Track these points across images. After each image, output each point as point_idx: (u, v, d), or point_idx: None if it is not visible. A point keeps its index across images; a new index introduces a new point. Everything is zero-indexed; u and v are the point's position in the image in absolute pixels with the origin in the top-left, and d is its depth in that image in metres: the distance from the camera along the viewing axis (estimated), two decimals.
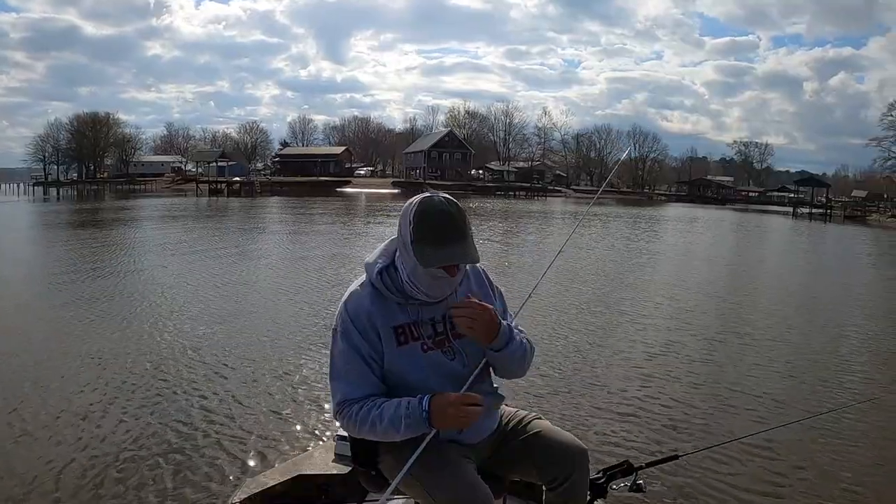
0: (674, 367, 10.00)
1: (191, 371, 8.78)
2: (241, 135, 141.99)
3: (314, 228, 33.09)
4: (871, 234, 56.56)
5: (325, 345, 3.90)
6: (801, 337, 12.62)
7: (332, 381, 2.70)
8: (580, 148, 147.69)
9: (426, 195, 2.66)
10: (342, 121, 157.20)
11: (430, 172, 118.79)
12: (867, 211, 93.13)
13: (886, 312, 16.24)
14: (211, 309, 12.59)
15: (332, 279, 16.48)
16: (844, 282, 22.83)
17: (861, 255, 34.64)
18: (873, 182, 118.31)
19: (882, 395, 8.66)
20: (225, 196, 78.45)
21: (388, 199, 79.20)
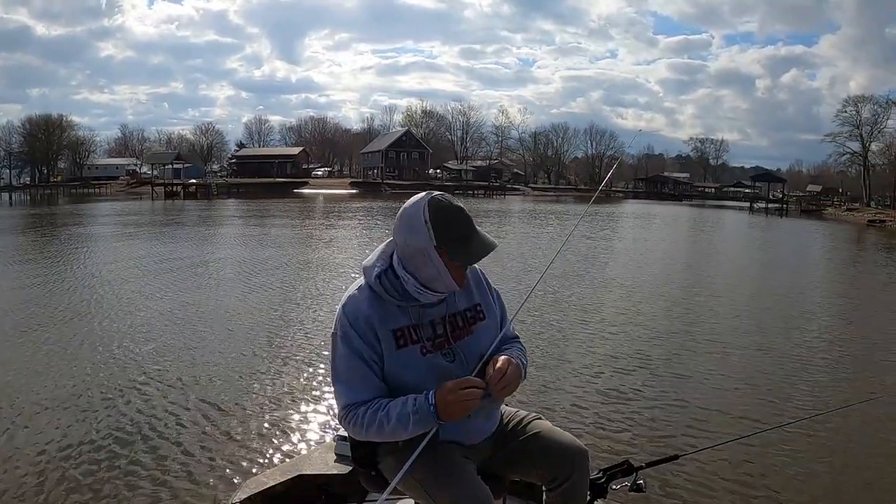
0: (671, 367, 10.07)
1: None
2: (196, 136, 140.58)
3: (273, 238, 32.32)
4: (830, 228, 57.45)
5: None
6: (801, 336, 12.72)
7: (335, 384, 2.69)
8: (537, 146, 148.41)
9: (430, 196, 2.70)
10: (298, 121, 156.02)
11: (387, 172, 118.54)
12: (822, 205, 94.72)
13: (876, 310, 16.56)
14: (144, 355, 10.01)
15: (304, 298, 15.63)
16: (828, 279, 23.40)
17: (834, 250, 35.68)
18: (827, 177, 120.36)
19: (881, 393, 8.71)
20: (181, 199, 77.73)
21: (346, 199, 78.98)
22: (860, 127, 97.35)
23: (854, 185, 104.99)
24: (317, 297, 14.64)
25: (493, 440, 2.88)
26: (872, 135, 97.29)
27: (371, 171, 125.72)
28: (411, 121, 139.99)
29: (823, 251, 35.74)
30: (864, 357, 11.22)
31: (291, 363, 9.62)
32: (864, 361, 10.90)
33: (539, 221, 46.06)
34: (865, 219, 72.38)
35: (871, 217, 72.96)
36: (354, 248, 21.91)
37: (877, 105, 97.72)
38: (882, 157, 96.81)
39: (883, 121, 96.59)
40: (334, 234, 28.70)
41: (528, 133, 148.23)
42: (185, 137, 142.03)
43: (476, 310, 2.86)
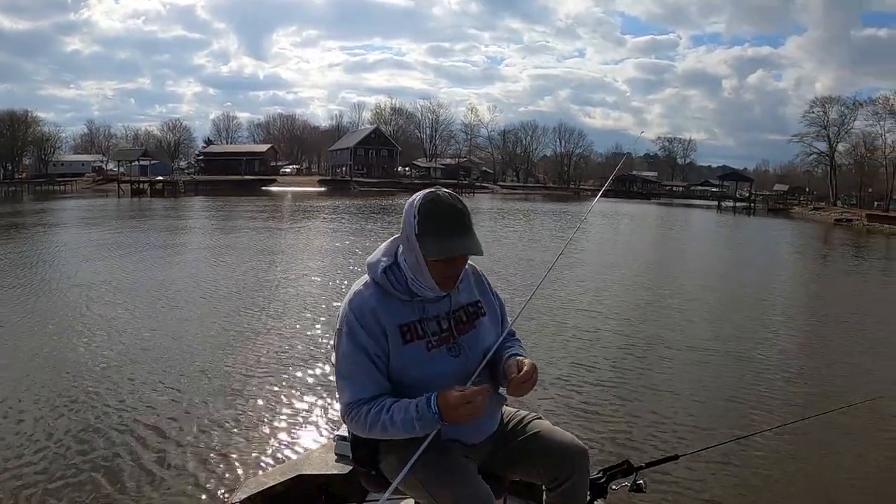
0: (670, 366, 10.25)
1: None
2: (163, 133, 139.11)
3: (241, 242, 30.82)
4: (799, 227, 58.44)
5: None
6: (802, 336, 12.97)
7: (339, 380, 2.69)
8: (507, 144, 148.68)
9: (430, 191, 2.69)
10: (267, 118, 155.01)
11: (356, 170, 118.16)
12: (789, 204, 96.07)
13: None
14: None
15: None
16: (814, 279, 24.01)
17: (806, 248, 36.76)
18: (794, 176, 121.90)
19: (887, 394, 8.78)
20: (148, 196, 76.89)
21: (314, 197, 78.38)
22: (827, 127, 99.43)
23: (820, 185, 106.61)
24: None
25: (494, 440, 2.89)
26: (839, 135, 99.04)
27: (340, 168, 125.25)
28: (380, 118, 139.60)
29: (797, 250, 36.56)
30: (863, 357, 11.37)
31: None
32: (863, 361, 11.02)
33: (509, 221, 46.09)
34: (832, 218, 73.34)
35: (837, 216, 73.97)
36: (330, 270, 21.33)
37: (844, 106, 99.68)
38: (848, 157, 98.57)
39: (850, 122, 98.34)
40: (305, 244, 28.15)
41: (498, 131, 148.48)
42: (153, 134, 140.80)
43: (477, 306, 2.88)
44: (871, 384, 9.56)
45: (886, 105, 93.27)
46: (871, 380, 9.92)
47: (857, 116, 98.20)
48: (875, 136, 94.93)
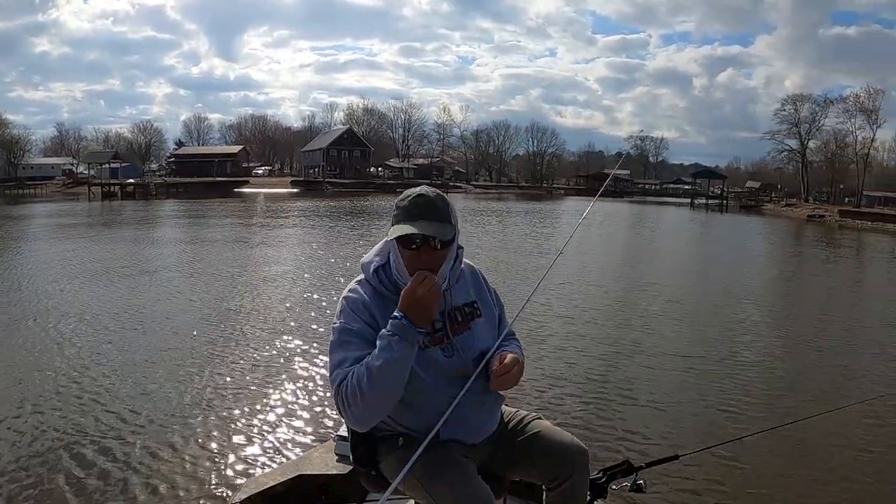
0: (670, 366, 10.30)
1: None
2: (134, 135, 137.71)
3: (210, 258, 29.17)
4: (773, 224, 59.24)
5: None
6: (798, 337, 13.03)
7: (331, 353, 2.66)
8: (479, 144, 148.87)
9: (420, 186, 2.75)
10: (238, 119, 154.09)
11: (329, 171, 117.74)
12: (761, 200, 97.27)
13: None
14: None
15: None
16: (801, 277, 24.24)
17: (783, 245, 37.26)
18: (765, 173, 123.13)
19: (888, 393, 8.80)
20: (119, 199, 76.32)
21: (287, 198, 78.02)
22: (799, 125, 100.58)
23: (792, 181, 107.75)
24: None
25: (494, 440, 2.88)
26: (810, 132, 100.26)
27: (312, 169, 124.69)
28: (352, 119, 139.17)
29: (775, 248, 36.98)
30: (861, 357, 11.48)
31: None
32: (861, 361, 11.12)
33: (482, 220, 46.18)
34: (805, 214, 74.37)
35: (810, 212, 74.96)
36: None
37: (815, 104, 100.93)
38: (819, 154, 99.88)
39: (821, 119, 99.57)
40: (276, 258, 27.68)
41: (470, 131, 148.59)
42: (123, 136, 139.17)
43: (473, 306, 2.87)
44: (869, 384, 9.64)
45: (857, 102, 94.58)
46: (868, 380, 9.99)
47: (828, 114, 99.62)
48: (846, 133, 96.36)
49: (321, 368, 9.41)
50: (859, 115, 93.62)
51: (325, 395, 8.37)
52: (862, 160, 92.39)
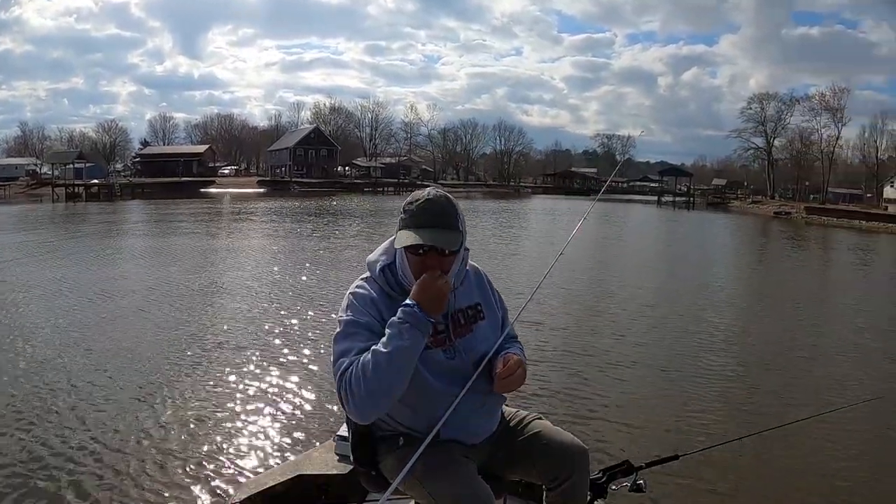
0: (670, 366, 10.36)
1: None
2: (99, 134, 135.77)
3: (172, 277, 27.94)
4: (741, 220, 60.27)
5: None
6: (800, 335, 13.25)
7: (335, 343, 2.65)
8: (447, 143, 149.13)
9: (427, 188, 2.74)
10: (204, 118, 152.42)
11: (296, 170, 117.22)
12: (727, 198, 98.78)
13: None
14: None
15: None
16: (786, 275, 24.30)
17: (753, 242, 38.16)
18: (731, 171, 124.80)
19: (883, 393, 8.83)
20: (83, 201, 75.42)
21: (254, 198, 77.38)
22: (765, 123, 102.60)
23: (757, 179, 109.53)
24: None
25: (494, 440, 2.89)
26: (776, 131, 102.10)
27: (279, 169, 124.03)
28: (319, 118, 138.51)
29: (747, 245, 37.87)
30: (861, 355, 11.59)
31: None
32: (862, 360, 11.23)
33: None
34: (772, 211, 75.78)
35: (776, 209, 76.31)
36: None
37: (781, 102, 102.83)
38: (785, 152, 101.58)
39: (787, 117, 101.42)
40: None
41: (438, 130, 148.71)
42: (88, 135, 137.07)
43: (476, 309, 2.88)
44: (869, 384, 9.72)
45: (822, 101, 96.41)
46: (868, 380, 10.06)
47: (793, 112, 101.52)
48: (811, 131, 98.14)
49: (321, 368, 9.46)
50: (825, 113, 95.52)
51: (325, 395, 8.43)
52: (827, 158, 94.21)
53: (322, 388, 8.69)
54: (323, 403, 8.23)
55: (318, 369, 9.52)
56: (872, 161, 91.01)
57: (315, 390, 8.72)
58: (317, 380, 9.10)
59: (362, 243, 27.60)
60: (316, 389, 8.74)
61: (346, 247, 27.40)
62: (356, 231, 36.40)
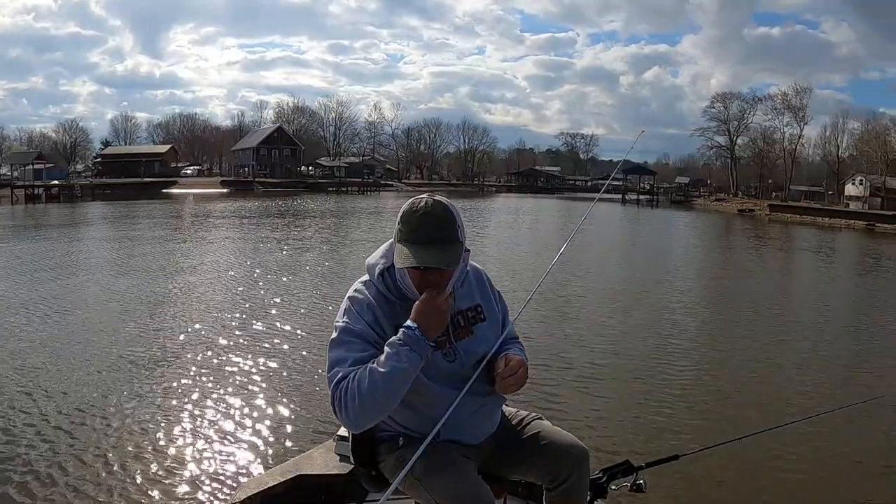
0: (670, 366, 10.47)
1: None
2: (59, 134, 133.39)
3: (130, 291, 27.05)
4: (706, 218, 61.14)
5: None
6: (800, 334, 13.47)
7: (330, 351, 2.64)
8: (411, 142, 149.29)
9: (418, 197, 2.66)
10: (166, 118, 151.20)
11: (259, 170, 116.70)
12: (690, 195, 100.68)
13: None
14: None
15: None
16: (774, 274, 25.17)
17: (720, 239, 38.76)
18: (694, 169, 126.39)
19: (887, 394, 8.88)
20: (43, 202, 74.55)
21: (217, 199, 77.28)
22: (728, 122, 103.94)
23: (720, 176, 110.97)
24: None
25: (494, 440, 2.89)
26: (739, 129, 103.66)
27: (242, 168, 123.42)
28: (282, 117, 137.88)
29: (717, 243, 38.59)
30: (859, 356, 11.73)
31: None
32: (860, 361, 11.35)
33: None
34: (735, 208, 77.05)
35: (740, 207, 77.62)
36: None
37: (744, 101, 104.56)
38: (747, 150, 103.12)
39: (749, 116, 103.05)
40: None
41: (402, 129, 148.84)
42: (48, 136, 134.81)
43: (476, 310, 2.85)
44: (872, 384, 9.80)
45: (785, 100, 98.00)
46: (872, 380, 10.17)
47: (756, 111, 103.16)
48: (773, 129, 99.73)
49: (320, 368, 9.51)
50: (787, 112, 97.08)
51: (323, 396, 8.33)
52: (789, 156, 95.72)
53: (322, 389, 8.58)
54: (322, 403, 8.21)
55: (319, 368, 9.59)
56: (833, 159, 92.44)
57: (315, 391, 8.84)
58: (317, 380, 9.21)
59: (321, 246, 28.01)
60: (316, 390, 8.86)
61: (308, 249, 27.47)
62: (311, 234, 36.02)
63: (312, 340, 11.52)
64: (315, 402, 8.46)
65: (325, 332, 11.44)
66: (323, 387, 8.37)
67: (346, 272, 20.05)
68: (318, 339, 11.31)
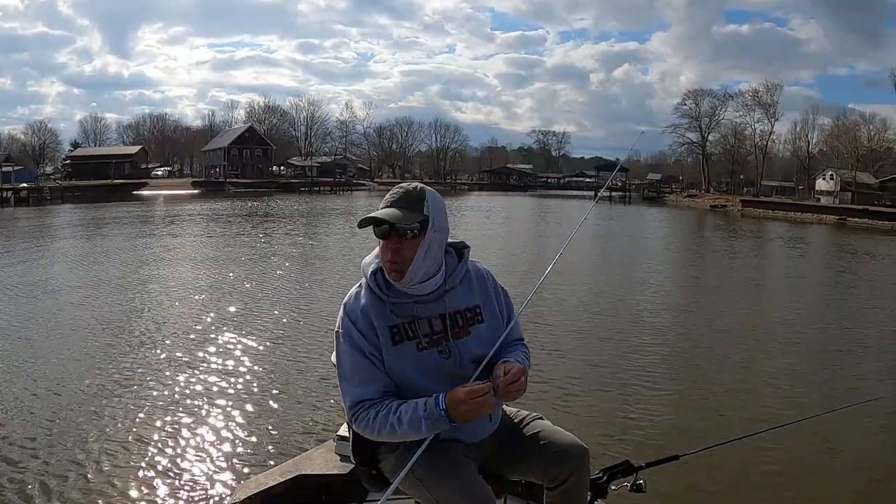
0: (670, 366, 10.56)
1: None
2: (27, 136, 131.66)
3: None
4: (680, 214, 62.24)
5: None
6: (800, 334, 13.57)
7: (341, 383, 2.69)
8: (382, 141, 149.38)
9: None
10: (136, 118, 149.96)
11: (230, 170, 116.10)
12: (662, 192, 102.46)
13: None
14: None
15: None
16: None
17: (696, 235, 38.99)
18: (665, 166, 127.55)
19: (884, 396, 8.91)
20: (11, 206, 73.61)
21: (188, 200, 76.81)
22: (699, 119, 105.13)
23: (691, 173, 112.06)
24: None
25: (495, 439, 2.89)
26: (710, 126, 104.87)
27: (214, 169, 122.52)
28: (253, 117, 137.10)
29: (694, 240, 39.08)
30: (859, 356, 11.83)
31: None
32: (860, 361, 11.44)
33: None
34: (708, 204, 78.04)
35: (712, 202, 78.63)
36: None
37: (715, 98, 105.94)
38: (719, 147, 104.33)
39: (720, 113, 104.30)
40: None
41: (373, 128, 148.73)
42: (16, 137, 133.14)
43: (475, 311, 2.84)
44: (867, 385, 9.86)
45: (756, 97, 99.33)
46: (875, 380, 10.23)
47: (727, 108, 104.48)
48: (744, 125, 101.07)
49: (320, 369, 9.62)
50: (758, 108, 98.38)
51: (324, 395, 8.57)
52: (760, 152, 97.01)
53: (322, 390, 8.85)
54: (323, 403, 8.38)
55: (317, 370, 9.70)
56: (804, 154, 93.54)
57: (316, 391, 8.91)
58: (317, 380, 9.31)
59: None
60: (317, 388, 8.93)
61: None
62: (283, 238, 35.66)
63: (312, 341, 11.64)
64: (315, 402, 8.51)
65: (324, 333, 11.64)
66: (323, 387, 8.66)
67: (335, 274, 20.43)
68: (318, 340, 11.51)
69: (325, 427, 7.47)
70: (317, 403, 8.45)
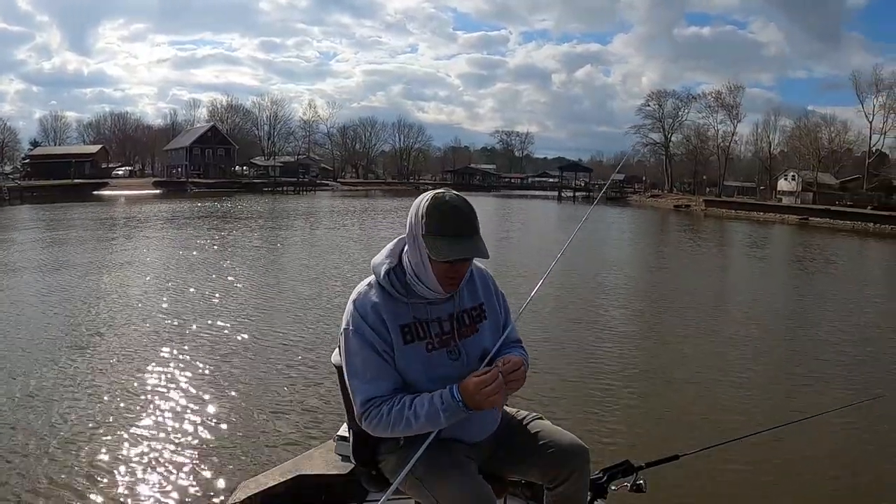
0: (670, 366, 10.62)
1: None
2: None
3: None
4: (645, 215, 62.61)
5: None
6: (801, 333, 13.76)
7: (351, 380, 2.67)
8: (346, 141, 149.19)
9: (438, 191, 2.67)
10: (96, 117, 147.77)
11: (192, 170, 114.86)
12: (626, 192, 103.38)
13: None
14: None
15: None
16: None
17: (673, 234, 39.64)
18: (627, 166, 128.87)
19: (884, 393, 9.01)
20: None
21: (149, 200, 75.99)
22: (662, 119, 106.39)
23: (654, 173, 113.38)
24: None
25: (495, 439, 2.90)
26: (673, 127, 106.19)
27: (175, 169, 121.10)
28: (216, 116, 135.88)
29: (659, 240, 39.69)
30: (859, 356, 11.85)
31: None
32: (860, 360, 11.47)
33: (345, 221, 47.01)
34: (671, 204, 79.04)
35: (676, 202, 79.65)
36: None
37: (678, 99, 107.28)
38: (682, 147, 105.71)
39: (684, 114, 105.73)
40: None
41: (337, 128, 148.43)
42: None
43: (480, 309, 2.87)
44: (867, 384, 9.94)
45: (718, 98, 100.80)
46: (868, 379, 10.32)
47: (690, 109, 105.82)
48: (707, 126, 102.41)
49: (319, 368, 9.68)
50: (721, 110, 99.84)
51: (324, 395, 8.62)
52: (723, 152, 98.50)
53: (322, 390, 8.88)
54: (323, 403, 8.41)
55: (317, 369, 9.75)
56: (766, 155, 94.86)
57: (316, 391, 8.94)
58: (317, 380, 9.33)
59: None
60: (317, 390, 8.97)
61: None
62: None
63: (312, 341, 11.68)
64: (315, 402, 8.55)
65: (323, 333, 11.87)
66: (323, 387, 8.69)
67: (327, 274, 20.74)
68: (318, 340, 11.60)
69: (324, 427, 7.53)
70: (317, 404, 8.51)
